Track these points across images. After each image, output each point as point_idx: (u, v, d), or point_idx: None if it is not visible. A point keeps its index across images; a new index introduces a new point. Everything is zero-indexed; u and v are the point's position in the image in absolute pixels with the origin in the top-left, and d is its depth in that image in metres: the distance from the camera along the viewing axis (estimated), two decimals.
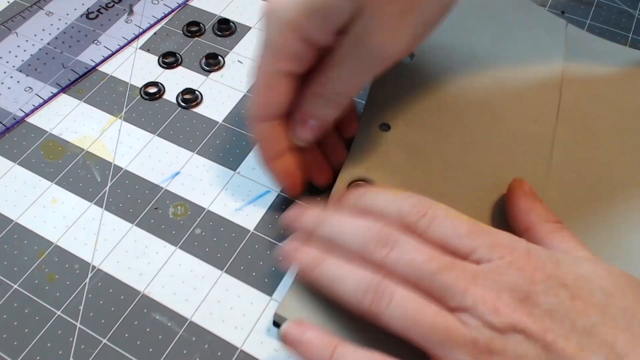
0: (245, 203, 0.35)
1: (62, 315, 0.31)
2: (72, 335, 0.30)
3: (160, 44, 0.43)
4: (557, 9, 0.45)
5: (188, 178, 0.36)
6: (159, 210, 0.34)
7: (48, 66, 0.41)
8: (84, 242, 0.33)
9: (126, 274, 0.32)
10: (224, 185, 0.36)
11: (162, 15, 0.45)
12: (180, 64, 0.42)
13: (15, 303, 0.31)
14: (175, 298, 0.31)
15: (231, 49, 0.43)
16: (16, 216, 0.34)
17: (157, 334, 0.30)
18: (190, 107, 0.39)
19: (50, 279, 0.32)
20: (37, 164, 0.36)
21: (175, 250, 0.33)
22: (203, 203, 0.35)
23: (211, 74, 0.41)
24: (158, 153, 0.37)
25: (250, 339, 0.30)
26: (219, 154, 0.37)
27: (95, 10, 0.45)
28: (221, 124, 0.38)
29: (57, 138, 0.38)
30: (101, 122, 0.39)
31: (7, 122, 0.38)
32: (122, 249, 0.33)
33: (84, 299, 0.31)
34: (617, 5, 0.45)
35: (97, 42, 0.43)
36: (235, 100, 0.40)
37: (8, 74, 0.41)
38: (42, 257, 0.33)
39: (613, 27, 0.44)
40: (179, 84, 0.41)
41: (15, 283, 0.32)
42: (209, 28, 0.44)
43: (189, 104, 0.39)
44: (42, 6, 0.45)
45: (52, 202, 0.35)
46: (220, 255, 0.33)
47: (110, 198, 0.35)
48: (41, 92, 0.40)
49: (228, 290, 0.31)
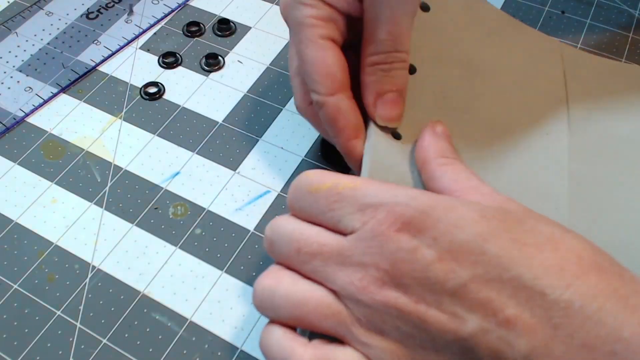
0: (245, 203, 0.35)
1: (62, 315, 0.31)
2: (72, 335, 0.30)
3: (160, 44, 0.43)
4: (557, 9, 0.45)
5: (188, 178, 0.36)
6: (159, 210, 0.34)
7: (48, 66, 0.41)
8: (84, 242, 0.33)
9: (126, 274, 0.32)
10: (224, 185, 0.36)
11: (162, 15, 0.45)
12: (180, 64, 0.42)
13: (15, 303, 0.31)
14: (175, 298, 0.31)
15: (231, 49, 0.43)
16: (16, 216, 0.34)
17: (157, 334, 0.30)
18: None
19: (50, 279, 0.32)
20: (37, 164, 0.36)
21: (175, 250, 0.33)
22: (203, 203, 0.35)
23: (211, 74, 0.41)
24: (158, 153, 0.37)
25: (250, 339, 0.30)
26: (219, 154, 0.37)
27: (95, 10, 0.45)
28: (221, 123, 0.38)
29: (57, 138, 0.38)
30: (101, 122, 0.39)
31: (7, 122, 0.38)
32: (122, 249, 0.33)
33: (84, 299, 0.31)
34: (617, 5, 0.45)
35: (97, 42, 0.43)
36: (235, 100, 0.40)
37: (8, 74, 0.41)
38: (42, 257, 0.33)
39: (613, 27, 0.44)
40: (179, 84, 0.41)
41: (15, 283, 0.32)
42: (209, 28, 0.44)
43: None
44: (42, 6, 0.45)
45: (52, 202, 0.35)
46: (220, 255, 0.33)
47: (110, 198, 0.35)
48: (41, 92, 0.40)
49: (228, 290, 0.31)
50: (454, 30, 0.39)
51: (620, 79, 0.39)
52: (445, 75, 0.37)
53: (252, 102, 0.40)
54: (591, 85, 0.39)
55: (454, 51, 0.38)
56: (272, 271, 0.26)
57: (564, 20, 0.44)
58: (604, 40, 0.43)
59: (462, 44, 0.38)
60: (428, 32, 0.38)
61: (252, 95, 0.40)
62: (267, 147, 0.37)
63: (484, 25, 0.40)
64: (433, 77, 0.36)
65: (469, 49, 0.38)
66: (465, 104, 0.36)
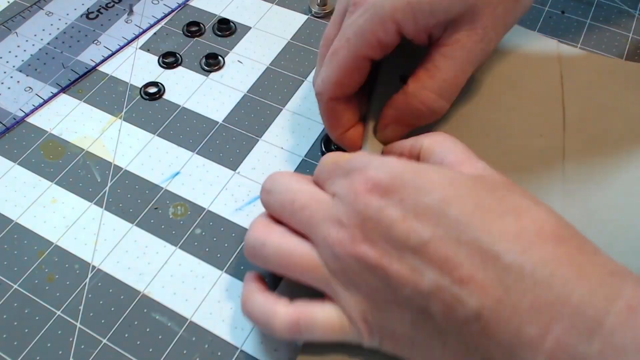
0: (245, 203, 0.35)
1: (62, 315, 0.31)
2: (72, 335, 0.30)
3: (160, 44, 0.43)
4: (557, 9, 0.45)
5: (188, 178, 0.36)
6: (159, 210, 0.34)
7: (48, 66, 0.41)
8: (84, 242, 0.33)
9: (126, 274, 0.32)
10: (224, 185, 0.36)
11: (162, 15, 0.45)
12: (180, 64, 0.42)
13: (15, 303, 0.31)
14: (175, 298, 0.31)
15: (231, 49, 0.43)
16: (16, 216, 0.34)
17: (157, 334, 0.30)
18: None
19: (50, 279, 0.32)
20: (37, 164, 0.36)
21: (175, 250, 0.33)
22: (203, 203, 0.35)
23: (211, 74, 0.41)
24: (158, 153, 0.37)
25: (250, 339, 0.30)
26: (219, 154, 0.37)
27: (95, 10, 0.45)
28: (221, 123, 0.38)
29: (57, 138, 0.38)
30: (101, 122, 0.39)
31: (7, 122, 0.38)
32: (122, 249, 0.33)
33: (84, 299, 0.31)
34: (617, 5, 0.45)
35: (97, 42, 0.43)
36: (235, 100, 0.40)
37: (8, 74, 0.41)
38: (42, 257, 0.33)
39: (613, 26, 0.44)
40: (179, 84, 0.41)
41: (15, 283, 0.32)
42: (209, 28, 0.44)
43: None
44: (42, 6, 0.45)
45: (52, 202, 0.35)
46: (220, 255, 0.33)
47: (110, 198, 0.35)
48: (41, 92, 0.40)
49: (228, 290, 0.31)
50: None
51: (620, 78, 0.39)
52: None
53: (252, 102, 0.40)
54: (588, 85, 0.38)
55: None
56: (263, 224, 0.28)
57: (563, 20, 0.44)
58: (604, 40, 0.43)
59: None
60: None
61: (252, 95, 0.40)
62: (267, 147, 0.37)
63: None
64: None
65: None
66: (459, 112, 0.37)
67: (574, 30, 0.44)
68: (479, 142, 0.36)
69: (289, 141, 0.37)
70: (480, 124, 0.37)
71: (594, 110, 0.37)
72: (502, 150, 0.36)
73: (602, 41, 0.43)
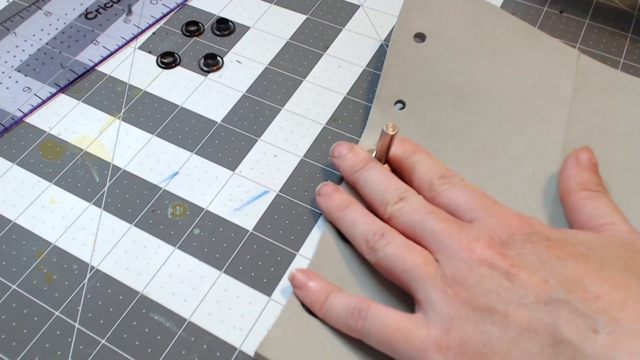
0: (244, 203, 0.35)
1: (61, 316, 0.31)
2: (71, 335, 0.30)
3: (159, 44, 0.43)
4: (556, 9, 0.45)
5: (187, 178, 0.36)
6: (157, 210, 0.34)
7: (46, 66, 0.41)
8: (82, 242, 0.33)
9: (125, 274, 0.32)
10: (223, 185, 0.36)
11: (161, 15, 0.45)
12: (178, 64, 0.42)
13: (13, 303, 0.31)
14: (174, 298, 0.31)
15: (230, 49, 0.43)
16: (14, 216, 0.34)
17: (156, 335, 0.30)
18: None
19: (49, 279, 0.32)
20: (36, 164, 0.36)
21: (174, 250, 0.33)
22: (202, 203, 0.35)
23: (210, 74, 0.41)
24: (157, 153, 0.37)
25: (249, 339, 0.30)
26: (217, 154, 0.37)
27: (93, 10, 0.45)
28: (220, 123, 0.38)
29: (55, 138, 0.38)
30: (100, 122, 0.39)
31: (5, 122, 0.38)
32: (120, 249, 0.33)
33: (83, 299, 0.31)
34: (616, 5, 0.45)
35: (96, 42, 0.43)
36: (234, 100, 0.40)
37: (6, 74, 0.41)
38: (41, 257, 0.33)
39: (612, 26, 0.44)
40: (177, 84, 0.41)
41: (13, 283, 0.32)
42: (207, 28, 0.44)
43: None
44: (40, 6, 0.45)
45: (50, 202, 0.35)
46: (219, 255, 0.33)
47: (108, 198, 0.35)
48: (40, 92, 0.40)
49: (227, 291, 0.31)
50: (450, 58, 0.38)
51: (633, 97, 0.37)
52: (435, 104, 0.37)
53: (251, 102, 0.39)
54: (599, 109, 0.37)
55: (447, 79, 0.37)
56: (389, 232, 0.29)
57: (562, 20, 0.44)
58: (603, 40, 0.43)
59: (457, 71, 0.38)
60: (420, 64, 0.38)
61: (251, 95, 0.40)
62: (265, 147, 0.37)
63: (490, 42, 0.39)
64: (422, 109, 0.36)
65: (464, 75, 0.38)
66: (457, 131, 0.36)
67: (573, 30, 0.44)
68: (472, 159, 0.35)
69: (288, 141, 0.37)
70: (478, 145, 0.36)
71: (597, 135, 0.36)
72: (495, 171, 0.35)
73: (601, 41, 0.43)
